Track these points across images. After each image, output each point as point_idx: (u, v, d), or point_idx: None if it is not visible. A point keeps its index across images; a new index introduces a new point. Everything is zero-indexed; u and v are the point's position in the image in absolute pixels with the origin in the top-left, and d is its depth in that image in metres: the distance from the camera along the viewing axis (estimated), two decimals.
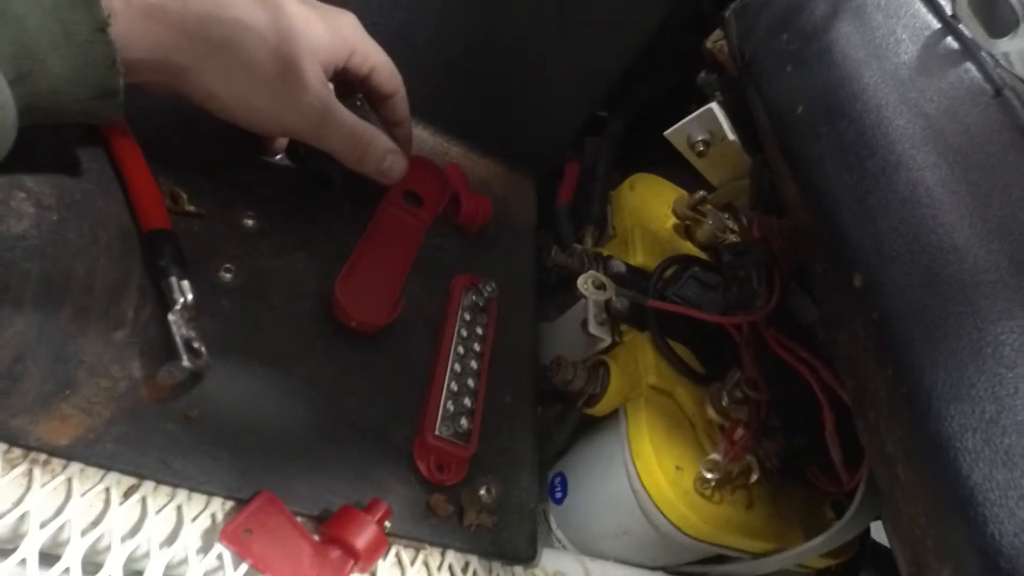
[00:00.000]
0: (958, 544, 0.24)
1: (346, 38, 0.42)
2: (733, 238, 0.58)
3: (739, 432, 0.44)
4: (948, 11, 0.37)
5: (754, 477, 0.43)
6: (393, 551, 0.39)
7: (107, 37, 0.31)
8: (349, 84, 0.45)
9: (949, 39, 0.37)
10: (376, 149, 0.44)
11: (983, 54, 0.35)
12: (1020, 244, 0.28)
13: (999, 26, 0.37)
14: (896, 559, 0.33)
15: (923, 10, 0.39)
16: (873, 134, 0.34)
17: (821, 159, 0.36)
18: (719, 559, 0.50)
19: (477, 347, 0.47)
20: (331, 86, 0.42)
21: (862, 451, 0.40)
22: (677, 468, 0.43)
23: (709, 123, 0.55)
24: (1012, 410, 0.24)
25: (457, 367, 0.45)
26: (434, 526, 0.40)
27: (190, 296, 0.37)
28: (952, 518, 0.25)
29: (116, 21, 0.31)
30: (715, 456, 0.43)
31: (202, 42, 0.35)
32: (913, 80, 0.36)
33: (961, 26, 0.36)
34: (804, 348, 0.44)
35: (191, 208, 0.42)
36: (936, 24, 0.38)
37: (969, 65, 0.35)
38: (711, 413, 0.45)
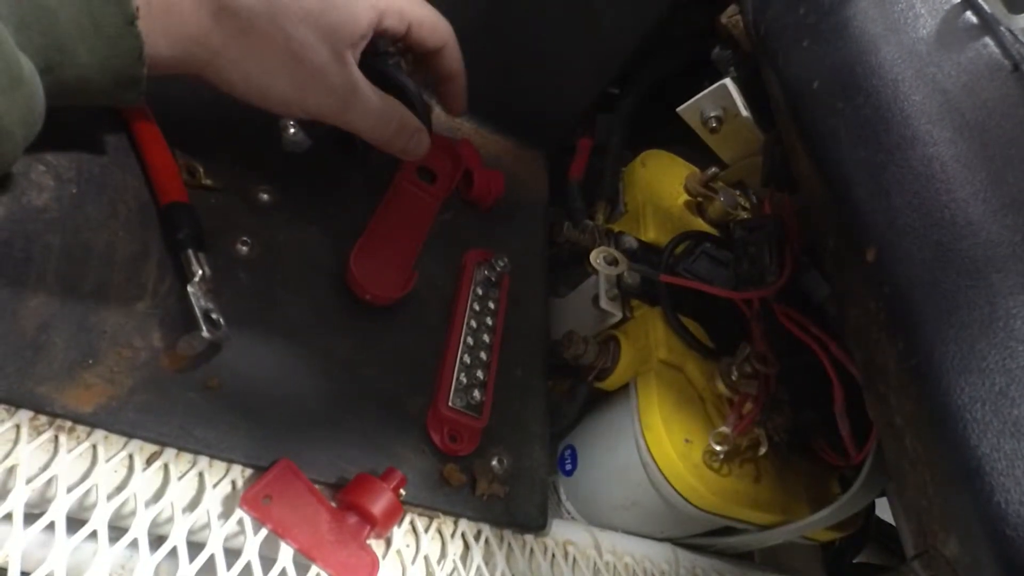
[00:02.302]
0: (965, 513, 0.25)
1: (372, 4, 0.41)
2: (744, 215, 0.58)
3: (748, 406, 0.44)
4: None
5: (762, 450, 0.44)
6: (408, 519, 0.40)
7: (135, 30, 0.32)
8: (389, 43, 0.44)
9: (968, 14, 0.36)
10: (403, 129, 0.44)
11: (1002, 29, 0.35)
12: None
13: (1018, 1, 0.36)
14: (900, 533, 0.34)
15: None
16: (889, 109, 0.34)
17: (836, 134, 0.37)
18: (726, 531, 0.51)
19: (489, 321, 0.48)
20: (354, 66, 0.41)
21: (870, 426, 0.41)
22: (686, 441, 0.44)
23: (722, 99, 0.55)
24: (1021, 383, 0.24)
25: (470, 340, 0.46)
26: (447, 495, 0.41)
27: (208, 269, 0.38)
28: (959, 488, 0.25)
29: (141, 15, 0.32)
30: (724, 429, 0.43)
31: (219, 34, 0.36)
32: (931, 55, 0.36)
33: (980, 1, 0.36)
34: (814, 324, 0.44)
35: (207, 182, 0.42)
36: None
37: (988, 40, 0.35)
38: (720, 387, 0.45)
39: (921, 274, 0.29)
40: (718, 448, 0.43)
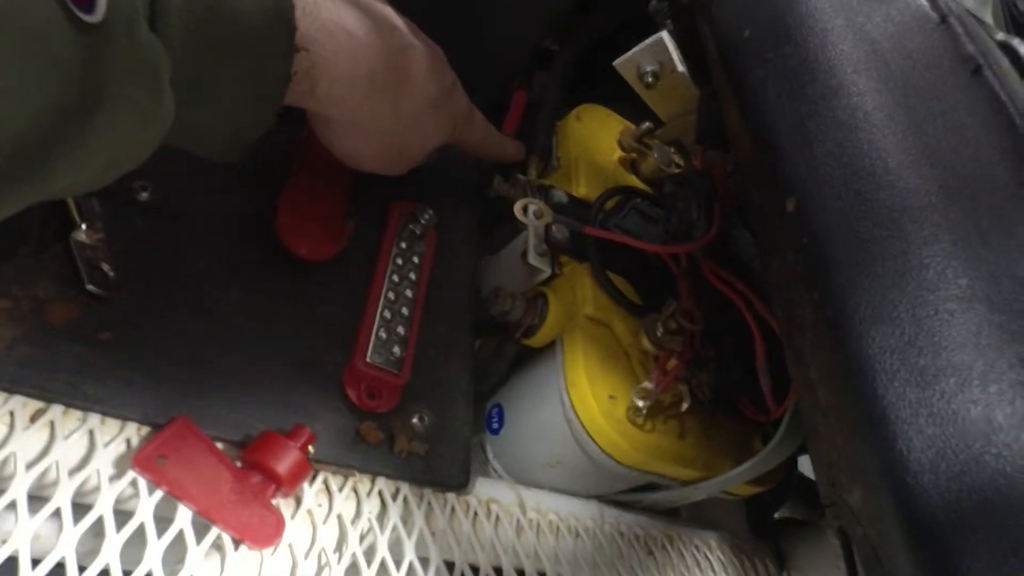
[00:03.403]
0: (868, 462, 0.25)
1: (455, 128, 0.46)
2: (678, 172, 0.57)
3: (672, 362, 0.44)
4: None
5: (685, 406, 0.44)
6: (321, 478, 0.38)
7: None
8: None
9: None
10: (504, 151, 0.53)
11: None
12: (950, 171, 0.28)
13: None
14: (817, 485, 0.34)
15: None
16: (816, 59, 0.33)
17: (764, 84, 0.36)
18: (651, 487, 0.51)
19: (413, 276, 0.46)
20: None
21: (790, 383, 0.41)
22: (610, 397, 0.44)
23: (659, 53, 0.53)
24: (930, 332, 0.24)
25: (391, 295, 0.44)
26: (364, 453, 0.40)
27: (98, 215, 0.35)
28: (865, 437, 0.25)
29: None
30: (647, 384, 0.43)
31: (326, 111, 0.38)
32: (861, 4, 0.35)
33: None
34: (740, 281, 0.44)
35: None
36: None
37: None
38: (646, 343, 0.45)
39: (839, 224, 0.28)
40: (641, 404, 0.42)
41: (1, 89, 0.20)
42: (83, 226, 0.35)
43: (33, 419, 0.32)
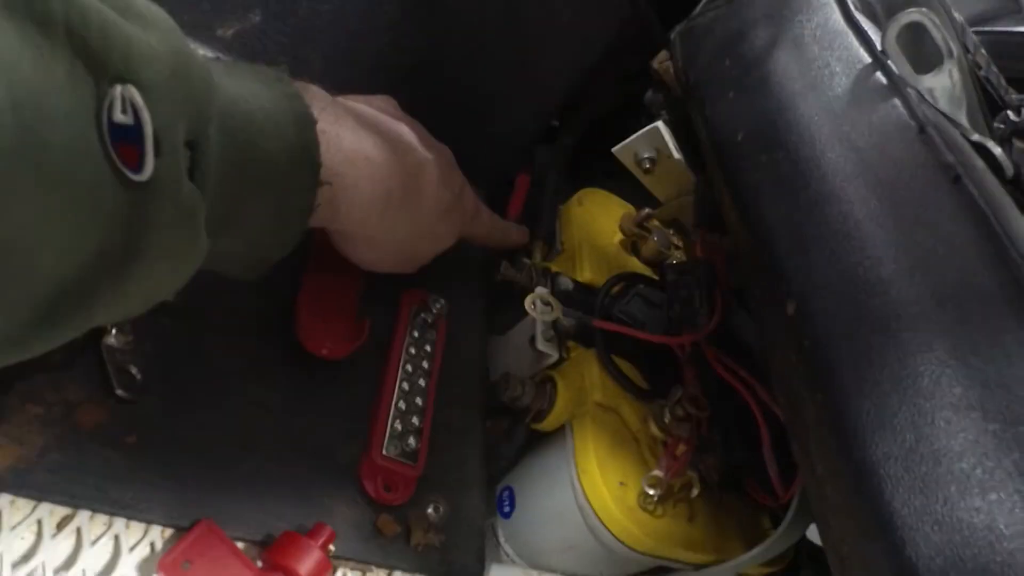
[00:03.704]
0: (879, 565, 0.26)
1: (464, 227, 0.49)
2: (678, 254, 0.59)
3: (680, 448, 0.45)
4: (879, 45, 0.39)
5: (695, 492, 0.45)
6: (339, 574, 0.39)
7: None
8: None
9: (878, 74, 0.38)
10: (509, 239, 0.56)
11: (909, 90, 0.37)
12: (941, 279, 0.29)
13: (925, 62, 0.38)
14: (830, 565, 0.35)
15: (855, 43, 0.41)
16: (807, 166, 0.36)
17: (759, 187, 0.38)
18: (662, 570, 0.51)
19: (425, 364, 0.47)
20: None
21: (797, 467, 0.42)
22: (621, 484, 0.44)
23: (655, 141, 0.56)
24: (928, 439, 0.26)
25: (405, 385, 0.45)
26: (381, 547, 0.40)
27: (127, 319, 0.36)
28: (874, 540, 0.26)
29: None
30: (657, 472, 0.44)
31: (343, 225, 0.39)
32: (845, 113, 0.37)
33: (889, 61, 0.38)
34: (743, 367, 0.45)
35: None
36: (867, 58, 0.39)
37: (896, 101, 0.37)
38: (654, 430, 0.46)
39: (837, 329, 0.30)
40: (652, 491, 0.43)
41: (49, 240, 0.21)
42: (113, 331, 0.36)
43: (60, 526, 0.33)
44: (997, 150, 0.37)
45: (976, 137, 0.38)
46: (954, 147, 0.35)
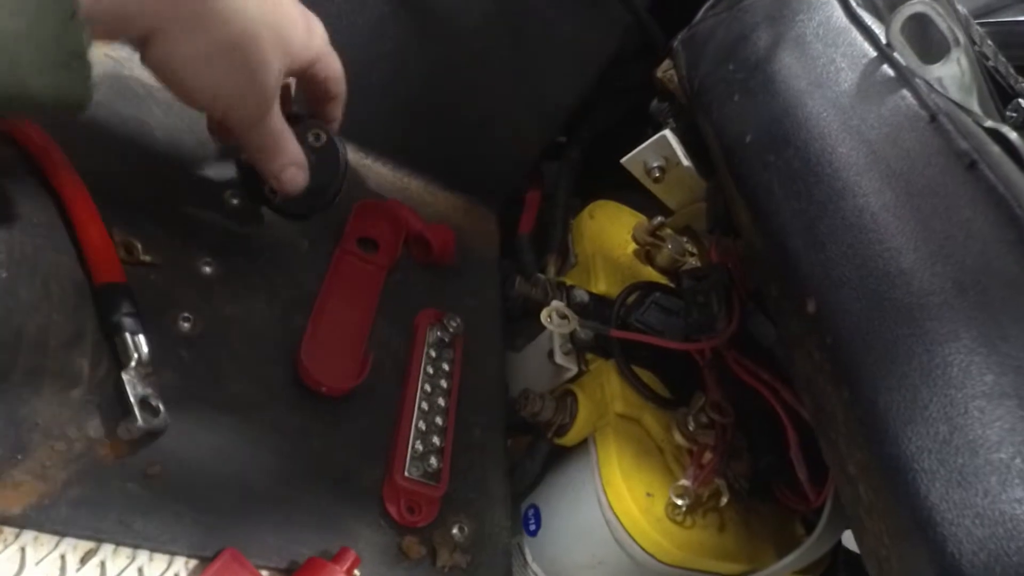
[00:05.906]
0: (920, 564, 0.25)
1: (318, 46, 0.42)
2: (693, 261, 0.59)
3: (707, 456, 0.44)
4: (883, 39, 0.39)
5: (724, 500, 0.44)
6: None
7: None
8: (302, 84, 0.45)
9: (885, 67, 0.38)
10: (286, 156, 0.42)
11: (917, 80, 0.37)
12: (962, 266, 0.29)
13: (932, 52, 0.38)
14: (867, 570, 0.34)
15: (859, 38, 0.40)
16: (818, 162, 0.35)
17: (770, 187, 0.37)
18: None
19: (444, 384, 0.47)
20: (278, 88, 0.40)
21: (828, 469, 0.41)
22: (648, 495, 0.44)
23: (663, 150, 0.56)
24: (963, 430, 0.25)
25: (425, 405, 0.45)
26: (407, 570, 0.40)
27: (145, 352, 0.37)
28: (913, 538, 0.25)
29: None
30: (684, 482, 0.43)
31: (173, 5, 0.33)
32: (854, 108, 0.37)
33: (895, 53, 0.38)
34: (765, 369, 0.44)
35: (146, 258, 0.41)
36: (872, 52, 0.39)
37: (905, 92, 0.36)
38: (678, 438, 0.45)
39: (860, 324, 0.29)
40: (680, 502, 0.42)
41: None
42: (132, 364, 0.36)
43: (84, 560, 0.33)
44: (1013, 135, 0.36)
45: (990, 123, 0.37)
46: (967, 134, 0.34)
